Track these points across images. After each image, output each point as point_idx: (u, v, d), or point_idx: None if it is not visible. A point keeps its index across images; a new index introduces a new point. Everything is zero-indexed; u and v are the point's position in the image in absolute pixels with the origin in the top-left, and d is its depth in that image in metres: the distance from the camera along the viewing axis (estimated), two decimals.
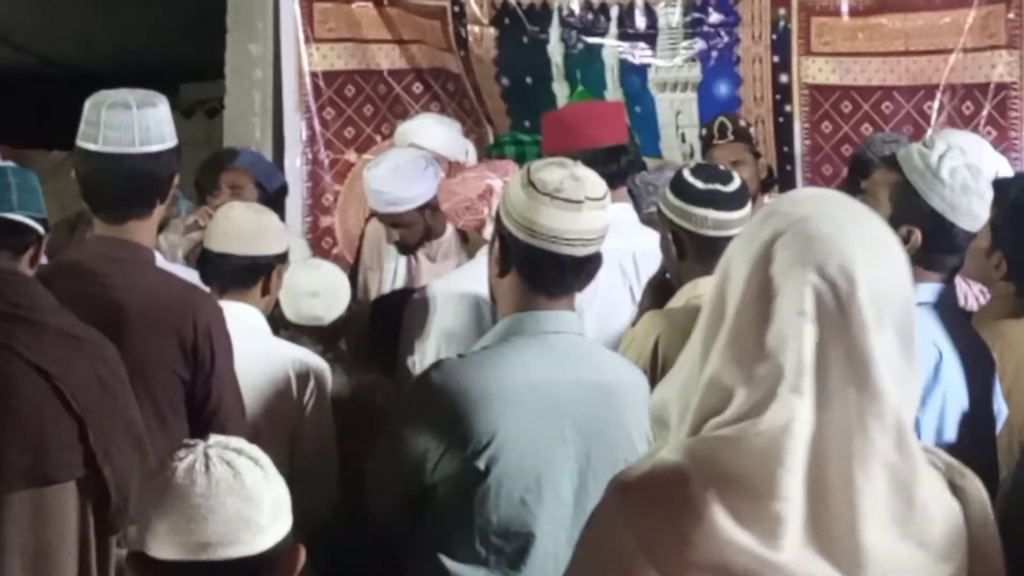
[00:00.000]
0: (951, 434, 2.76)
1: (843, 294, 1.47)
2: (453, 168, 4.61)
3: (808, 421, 1.45)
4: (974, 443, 2.77)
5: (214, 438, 1.99)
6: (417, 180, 4.43)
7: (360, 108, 5.94)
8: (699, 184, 3.23)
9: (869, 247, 1.51)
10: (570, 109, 4.66)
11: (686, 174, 3.29)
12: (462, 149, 4.90)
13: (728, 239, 3.27)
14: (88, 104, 3.05)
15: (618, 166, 3.78)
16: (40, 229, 2.89)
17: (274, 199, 4.96)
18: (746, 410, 1.47)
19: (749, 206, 3.35)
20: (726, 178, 3.30)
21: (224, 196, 4.69)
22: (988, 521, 1.58)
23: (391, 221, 4.49)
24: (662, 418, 1.63)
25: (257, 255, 3.44)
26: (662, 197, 3.32)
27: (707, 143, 4.95)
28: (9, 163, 3.04)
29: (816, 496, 1.45)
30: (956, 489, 1.57)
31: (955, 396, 2.80)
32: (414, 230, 4.48)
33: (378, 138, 5.93)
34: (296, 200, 5.79)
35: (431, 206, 4.38)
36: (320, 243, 5.87)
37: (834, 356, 1.46)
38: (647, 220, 3.94)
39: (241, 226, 3.46)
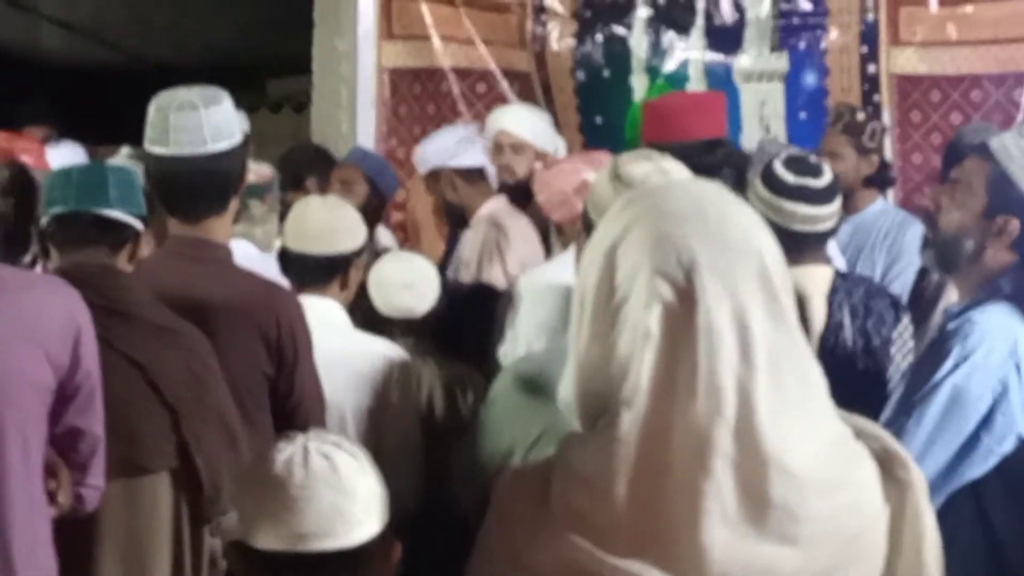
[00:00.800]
0: None
1: (684, 293, 1.47)
2: (541, 159, 4.61)
3: (635, 432, 1.46)
4: None
5: (314, 432, 2.02)
6: (427, 143, 4.71)
7: (424, 106, 5.96)
8: (789, 178, 3.21)
9: (711, 234, 1.50)
10: (670, 99, 4.58)
11: (777, 166, 3.27)
12: (552, 141, 4.87)
13: (815, 234, 3.30)
14: (152, 107, 3.06)
15: (713, 159, 3.73)
16: (138, 225, 2.93)
17: (385, 194, 4.98)
18: (614, 414, 1.49)
19: (838, 201, 3.32)
20: (817, 172, 3.28)
21: (335, 191, 4.70)
22: (923, 512, 1.57)
23: None
24: (570, 407, 1.65)
25: (333, 253, 3.47)
26: (752, 185, 3.31)
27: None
28: (115, 161, 3.08)
29: (658, 499, 1.45)
30: (894, 479, 1.56)
31: None
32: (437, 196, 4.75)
33: None
34: None
35: (426, 175, 4.68)
36: None
37: (680, 361, 1.46)
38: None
39: (315, 225, 3.48)
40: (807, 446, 1.49)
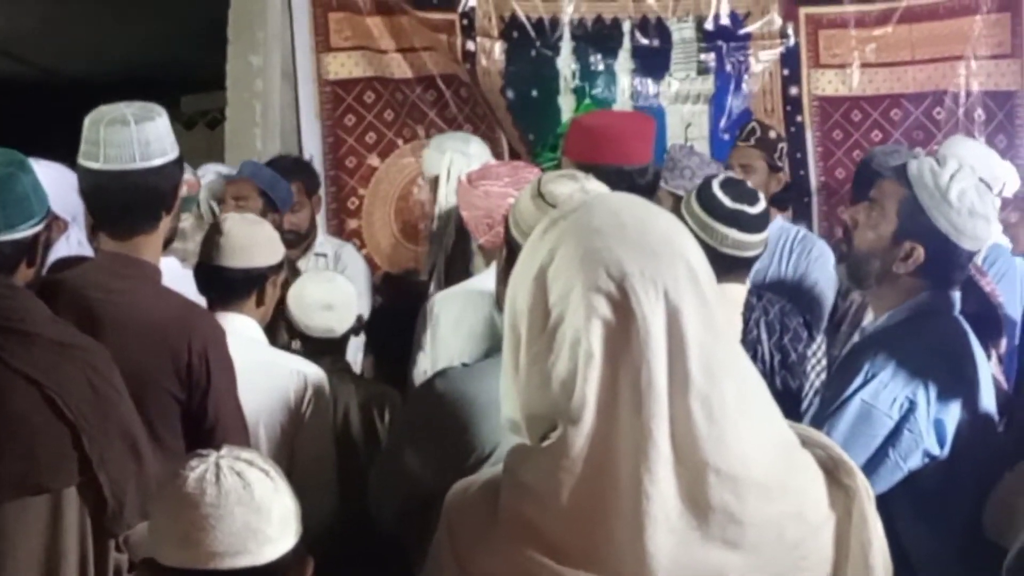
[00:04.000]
0: None
1: (619, 305, 1.47)
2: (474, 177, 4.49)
3: (581, 445, 1.47)
4: None
5: (226, 449, 2.00)
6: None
7: (380, 114, 6.00)
8: (727, 202, 3.25)
9: (633, 242, 1.50)
10: (600, 120, 4.38)
11: (715, 187, 3.30)
12: (456, 159, 4.52)
13: (743, 259, 3.31)
14: (87, 121, 3.04)
15: (641, 183, 3.70)
16: (34, 230, 2.85)
17: (279, 207, 4.93)
18: (561, 430, 1.49)
19: (768, 231, 3.34)
20: (753, 199, 3.32)
21: (229, 208, 4.64)
22: (870, 519, 1.57)
23: None
24: (514, 425, 1.64)
25: (250, 267, 3.43)
26: (686, 203, 3.31)
27: (735, 142, 4.93)
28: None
29: (603, 509, 1.47)
30: (840, 487, 1.57)
31: None
32: None
33: (400, 142, 6.03)
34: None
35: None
36: None
37: (621, 373, 1.46)
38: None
39: (232, 240, 3.44)
40: (747, 450, 1.49)
